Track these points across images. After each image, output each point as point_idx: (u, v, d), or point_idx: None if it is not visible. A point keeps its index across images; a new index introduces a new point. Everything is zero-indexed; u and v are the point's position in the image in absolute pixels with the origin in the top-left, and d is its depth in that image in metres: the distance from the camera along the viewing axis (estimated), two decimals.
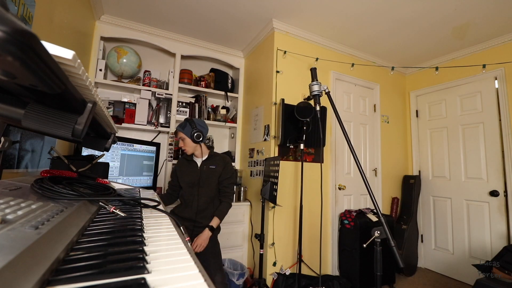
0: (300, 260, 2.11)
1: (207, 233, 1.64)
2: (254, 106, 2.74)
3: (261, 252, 2.12)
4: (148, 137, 2.65)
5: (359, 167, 1.19)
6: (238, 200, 2.60)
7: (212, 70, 2.99)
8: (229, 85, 3.00)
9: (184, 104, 2.70)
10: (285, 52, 2.46)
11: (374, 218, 2.45)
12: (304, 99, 2.53)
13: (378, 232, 1.08)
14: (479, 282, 1.79)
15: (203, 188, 1.75)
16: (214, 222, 1.68)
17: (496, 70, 2.52)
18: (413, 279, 2.69)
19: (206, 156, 1.82)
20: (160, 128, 2.56)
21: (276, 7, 2.22)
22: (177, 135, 1.78)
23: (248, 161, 2.73)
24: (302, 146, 2.21)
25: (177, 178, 1.84)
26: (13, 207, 0.37)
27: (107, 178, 1.27)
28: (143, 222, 0.61)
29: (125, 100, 2.44)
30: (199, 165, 1.79)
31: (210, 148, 1.89)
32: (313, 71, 1.45)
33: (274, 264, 2.25)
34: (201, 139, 1.72)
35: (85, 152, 1.82)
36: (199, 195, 1.73)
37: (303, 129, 2.20)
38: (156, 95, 2.57)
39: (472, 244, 2.60)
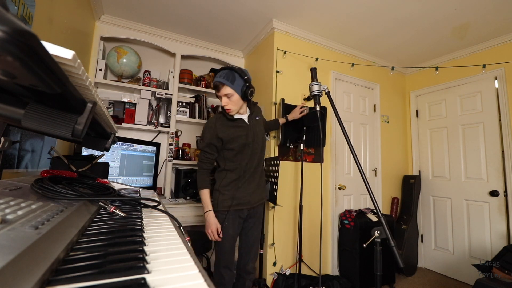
0: (300, 260, 2.11)
1: None
2: None
3: (261, 252, 2.12)
4: (148, 137, 2.65)
5: (359, 167, 1.19)
6: None
7: (212, 70, 2.99)
8: None
9: (184, 104, 2.70)
10: (285, 52, 2.46)
11: (374, 218, 2.45)
12: (304, 99, 2.53)
13: (378, 232, 1.08)
14: (479, 282, 1.79)
15: (257, 147, 1.54)
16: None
17: (496, 70, 2.52)
18: (413, 279, 2.69)
19: (249, 110, 1.55)
20: (160, 128, 2.56)
21: (276, 7, 2.21)
22: (220, 90, 1.40)
23: None
24: (302, 146, 2.21)
25: (222, 144, 1.48)
26: (13, 207, 0.37)
27: (107, 178, 1.27)
28: (143, 222, 0.61)
29: (125, 100, 2.44)
30: (247, 120, 1.53)
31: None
32: (313, 71, 1.45)
33: (274, 264, 2.25)
34: (253, 95, 1.46)
35: (85, 152, 1.82)
36: (255, 157, 1.53)
37: (303, 129, 2.20)
38: (156, 95, 2.57)
39: (472, 244, 2.59)
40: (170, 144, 2.56)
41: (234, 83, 1.38)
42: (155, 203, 0.77)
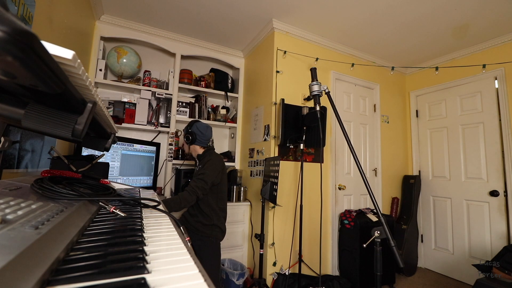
0: (300, 260, 2.11)
1: None
2: (254, 106, 2.74)
3: (261, 252, 2.12)
4: (148, 137, 2.65)
5: (359, 167, 1.19)
6: (238, 200, 2.60)
7: (212, 70, 2.99)
8: (229, 85, 2.99)
9: (184, 104, 2.70)
10: (285, 52, 2.46)
11: (374, 218, 2.45)
12: (304, 99, 2.53)
13: (378, 232, 1.08)
14: (479, 282, 1.79)
15: None
16: None
17: (496, 70, 2.52)
18: (413, 279, 2.69)
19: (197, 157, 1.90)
20: (160, 128, 2.56)
21: (276, 7, 2.21)
22: None
23: (248, 161, 2.73)
24: (302, 146, 2.21)
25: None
26: (13, 207, 0.37)
27: (107, 178, 1.27)
28: (143, 222, 0.60)
29: (125, 100, 2.44)
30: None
31: (207, 148, 1.90)
32: (313, 71, 1.45)
33: (274, 264, 2.25)
34: (189, 141, 1.83)
35: (85, 152, 1.82)
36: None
37: (303, 129, 2.20)
38: (156, 95, 2.57)
39: (472, 244, 2.59)
40: (170, 144, 2.56)
41: (184, 128, 1.89)
42: (155, 203, 0.77)
